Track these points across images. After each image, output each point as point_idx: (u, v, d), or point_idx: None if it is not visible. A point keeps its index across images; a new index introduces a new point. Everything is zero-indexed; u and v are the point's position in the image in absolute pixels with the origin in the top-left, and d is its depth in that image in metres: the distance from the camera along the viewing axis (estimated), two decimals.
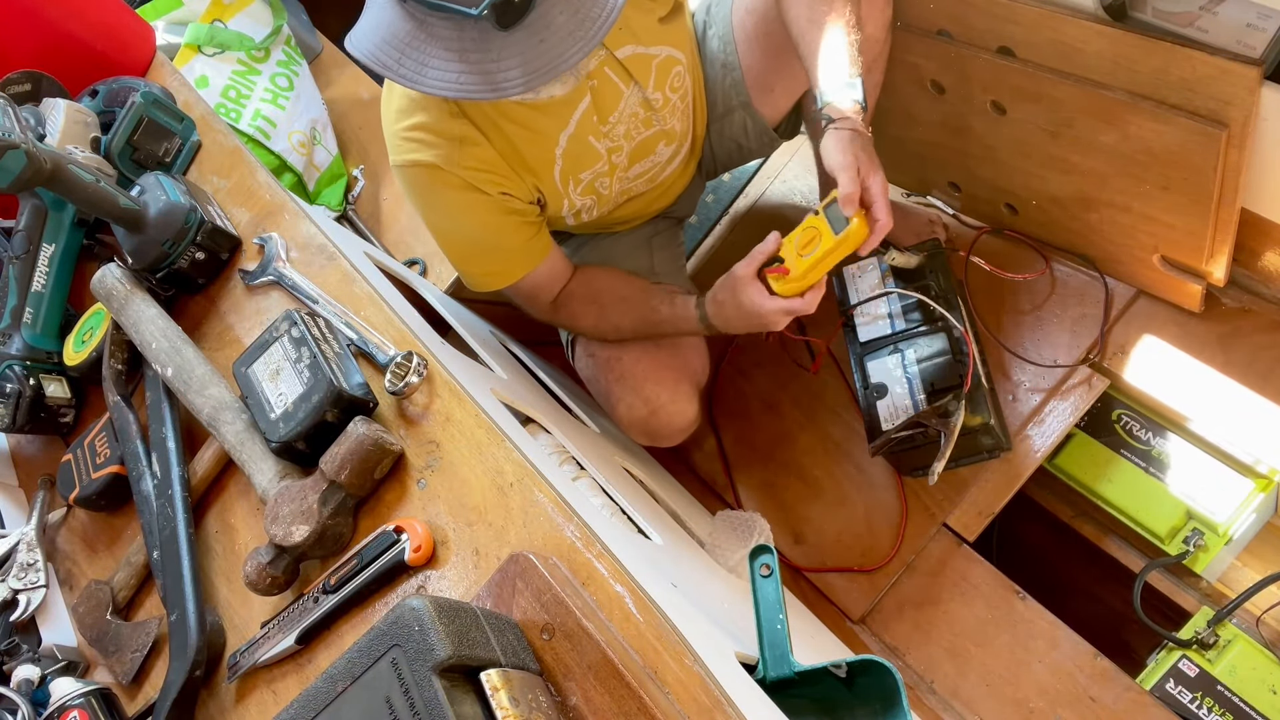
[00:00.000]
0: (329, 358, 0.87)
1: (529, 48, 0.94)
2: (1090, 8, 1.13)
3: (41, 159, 0.95)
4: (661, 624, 0.68)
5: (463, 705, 0.58)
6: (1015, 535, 1.63)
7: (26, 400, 1.11)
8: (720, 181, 2.07)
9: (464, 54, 0.95)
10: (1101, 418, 1.53)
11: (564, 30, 0.94)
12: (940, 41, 1.36)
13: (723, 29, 1.38)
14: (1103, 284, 1.54)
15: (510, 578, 0.70)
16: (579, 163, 1.27)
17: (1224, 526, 1.41)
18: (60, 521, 1.12)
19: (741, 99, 1.40)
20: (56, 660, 0.99)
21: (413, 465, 0.84)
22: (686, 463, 1.85)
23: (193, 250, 1.05)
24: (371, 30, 0.99)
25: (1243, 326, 1.44)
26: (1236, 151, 1.13)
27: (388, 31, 0.97)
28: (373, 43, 0.98)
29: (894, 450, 1.51)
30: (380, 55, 0.97)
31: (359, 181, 1.85)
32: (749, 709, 0.66)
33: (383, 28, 0.98)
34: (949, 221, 1.70)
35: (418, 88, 0.97)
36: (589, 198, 1.33)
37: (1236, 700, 1.31)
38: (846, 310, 1.56)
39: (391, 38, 0.97)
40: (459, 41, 0.95)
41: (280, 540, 0.81)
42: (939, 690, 1.49)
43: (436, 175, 1.16)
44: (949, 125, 1.49)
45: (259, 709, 0.83)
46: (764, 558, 0.87)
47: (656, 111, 1.29)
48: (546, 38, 0.94)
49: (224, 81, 1.75)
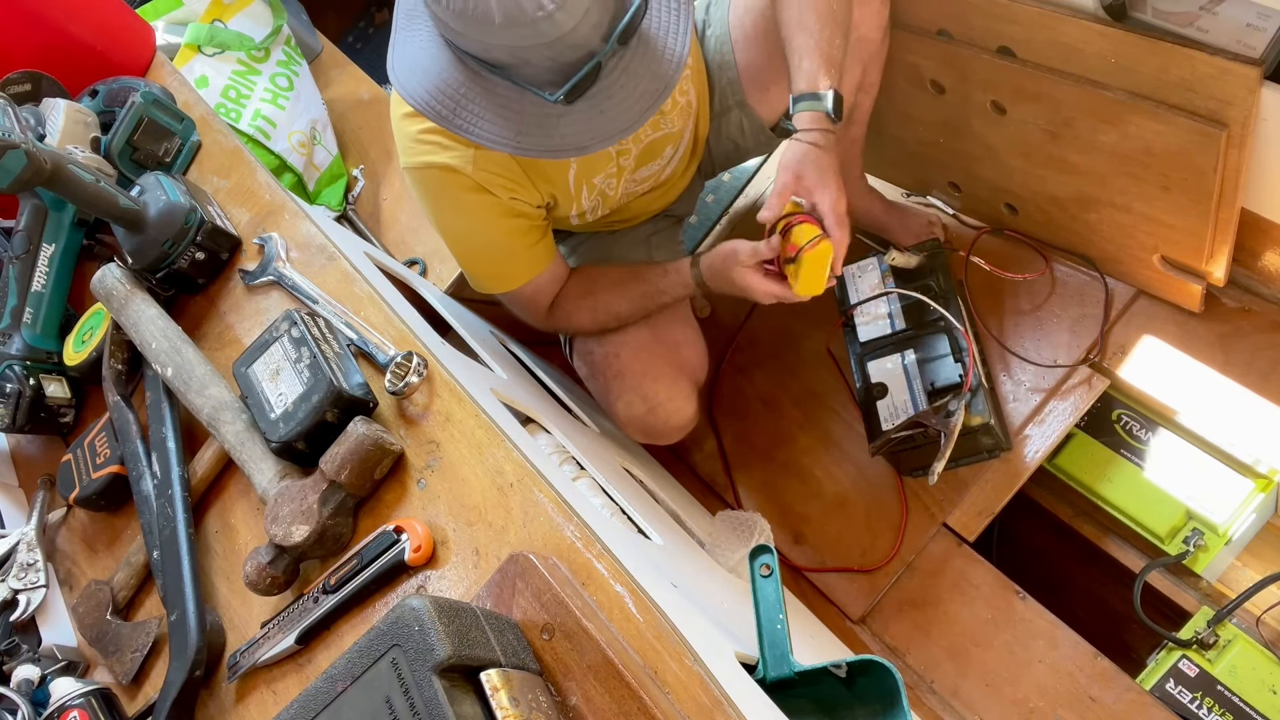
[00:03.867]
0: (329, 358, 0.87)
1: (590, 118, 0.99)
2: (1090, 8, 1.13)
3: (41, 159, 0.95)
4: (661, 624, 0.68)
5: (463, 705, 0.58)
6: (1015, 535, 1.63)
7: (26, 400, 1.11)
8: (720, 181, 2.07)
9: (523, 116, 0.99)
10: (1101, 418, 1.53)
11: (624, 103, 0.99)
12: (940, 41, 1.36)
13: (720, 29, 1.38)
14: (1103, 284, 1.54)
15: (510, 578, 0.70)
16: (592, 168, 1.27)
17: (1224, 526, 1.41)
18: (60, 521, 1.12)
19: (738, 98, 1.40)
20: (56, 660, 0.99)
21: (413, 465, 0.84)
22: (686, 463, 1.85)
23: (193, 250, 1.05)
24: (420, 73, 1.01)
25: (1243, 326, 1.44)
26: (1236, 151, 1.13)
27: (440, 79, 1.00)
28: (425, 90, 1.00)
29: (894, 450, 1.51)
30: (436, 105, 1.00)
31: (359, 181, 1.85)
32: (749, 709, 0.66)
33: (434, 74, 1.00)
34: (949, 222, 1.70)
35: (476, 140, 1.00)
36: (596, 200, 1.34)
37: (1236, 700, 1.31)
38: (846, 310, 1.56)
39: (445, 86, 1.00)
40: (519, 104, 0.98)
41: (280, 540, 0.81)
42: (939, 690, 1.49)
43: (451, 177, 1.17)
44: (949, 125, 1.49)
45: (259, 709, 0.83)
46: (764, 558, 0.87)
47: (664, 114, 1.30)
48: (607, 109, 0.99)
49: (224, 81, 1.75)
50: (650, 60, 0.99)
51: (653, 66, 0.99)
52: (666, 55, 1.00)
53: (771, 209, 1.14)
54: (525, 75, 0.96)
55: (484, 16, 0.89)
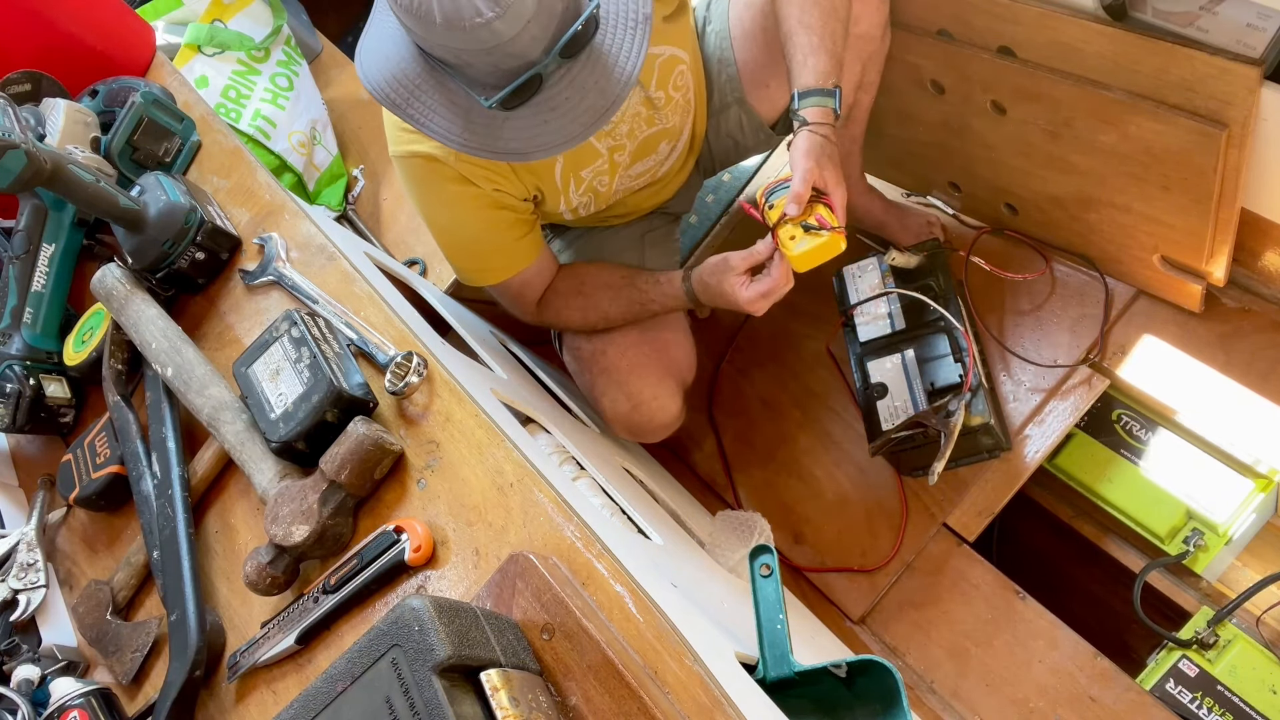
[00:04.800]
0: (329, 358, 0.87)
1: (533, 126, 1.00)
2: (1090, 8, 1.13)
3: (41, 159, 0.95)
4: (661, 624, 0.68)
5: (463, 705, 0.58)
6: (1015, 535, 1.63)
7: (26, 400, 1.11)
8: (720, 181, 2.07)
9: (470, 114, 1.00)
10: (1101, 418, 1.53)
11: (568, 115, 0.99)
12: (940, 41, 1.36)
13: (720, 25, 1.38)
14: (1103, 284, 1.54)
15: (510, 578, 0.70)
16: (580, 161, 1.27)
17: (1224, 526, 1.41)
18: (60, 521, 1.12)
19: (737, 95, 1.40)
20: (56, 660, 0.99)
21: (413, 465, 0.84)
22: (686, 463, 1.85)
23: (193, 250, 1.05)
24: (382, 59, 1.02)
25: (1243, 326, 1.44)
26: (1236, 151, 1.13)
27: (398, 68, 1.01)
28: (383, 76, 1.02)
29: (894, 450, 1.51)
30: (390, 93, 1.02)
31: (359, 181, 1.85)
32: (749, 709, 0.66)
33: (394, 61, 1.02)
34: (949, 222, 1.70)
35: (424, 131, 1.02)
36: (588, 196, 1.34)
37: (1236, 700, 1.31)
38: (846, 310, 1.56)
39: (403, 76, 1.01)
40: (466, 102, 0.99)
41: (280, 540, 0.81)
42: (939, 690, 1.49)
43: (433, 166, 1.17)
44: (949, 125, 1.49)
45: (259, 709, 0.83)
46: (764, 558, 0.87)
47: (659, 110, 1.29)
48: (550, 120, 0.99)
49: (224, 81, 1.75)
50: (599, 76, 0.99)
51: (601, 83, 1.00)
52: (617, 73, 1.00)
53: (799, 198, 1.11)
54: (467, 77, 0.97)
55: (426, 16, 0.91)
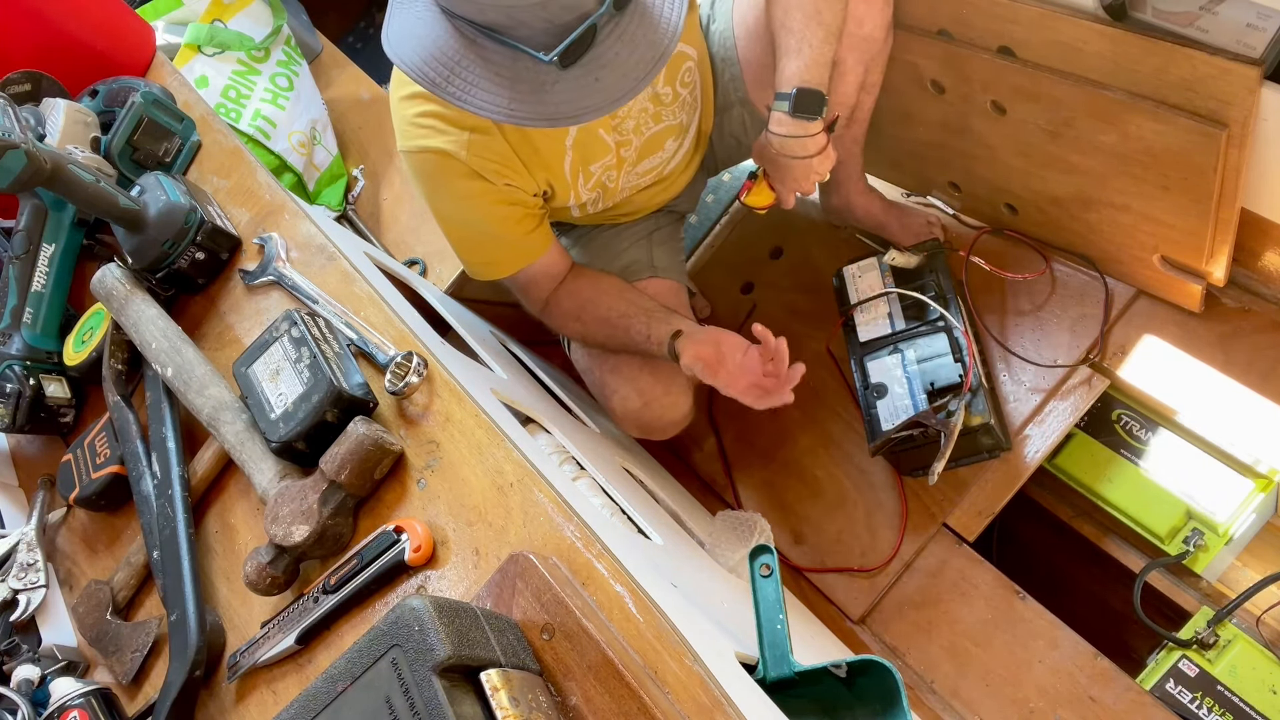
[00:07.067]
0: (329, 358, 0.87)
1: (585, 85, 0.97)
2: (1090, 8, 1.13)
3: (41, 159, 0.95)
4: (661, 624, 0.68)
5: (463, 705, 0.58)
6: (1015, 535, 1.63)
7: (26, 400, 1.11)
8: (720, 181, 2.07)
9: (516, 82, 0.97)
10: (1101, 418, 1.53)
11: (619, 70, 0.97)
12: (940, 41, 1.36)
13: (724, 24, 1.38)
14: (1103, 284, 1.54)
15: (510, 578, 0.70)
16: (588, 155, 1.27)
17: (1224, 526, 1.41)
18: (60, 521, 1.12)
19: (740, 94, 1.40)
20: (56, 660, 0.99)
21: (413, 465, 0.84)
22: (686, 462, 1.85)
23: (193, 250, 1.05)
24: (415, 41, 0.99)
25: (1243, 326, 1.44)
26: (1236, 151, 1.13)
27: (434, 47, 0.98)
28: (420, 57, 0.99)
29: (894, 450, 1.51)
30: (428, 71, 0.98)
31: (359, 181, 1.85)
32: (749, 709, 0.66)
33: (428, 41, 0.98)
34: (949, 222, 1.70)
35: (466, 108, 0.98)
36: (596, 191, 1.34)
37: (1236, 700, 1.31)
38: (846, 310, 1.56)
39: (439, 53, 0.98)
40: (512, 70, 0.97)
41: (280, 540, 0.81)
42: (939, 690, 1.49)
43: (445, 161, 1.16)
44: (949, 125, 1.49)
45: (259, 709, 0.83)
46: (764, 558, 0.87)
47: (666, 106, 1.30)
48: (602, 76, 0.97)
49: (224, 81, 1.75)
50: (647, 29, 0.98)
51: (650, 35, 0.98)
52: (663, 24, 0.99)
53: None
54: (520, 36, 0.94)
55: None
